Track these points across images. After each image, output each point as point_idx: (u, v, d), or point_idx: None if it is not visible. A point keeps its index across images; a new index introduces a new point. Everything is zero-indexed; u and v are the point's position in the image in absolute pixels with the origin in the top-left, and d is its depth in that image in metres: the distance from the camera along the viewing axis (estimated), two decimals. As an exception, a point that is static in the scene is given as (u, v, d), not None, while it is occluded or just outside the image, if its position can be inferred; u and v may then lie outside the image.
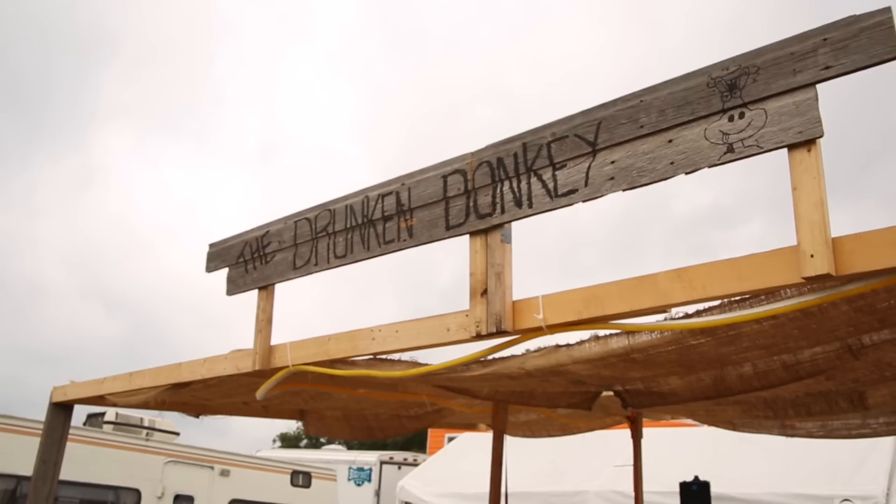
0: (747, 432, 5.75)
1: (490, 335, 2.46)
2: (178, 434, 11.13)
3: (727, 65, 2.16)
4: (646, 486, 7.07)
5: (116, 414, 10.48)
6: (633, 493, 10.36)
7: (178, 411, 5.11)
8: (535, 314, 2.35)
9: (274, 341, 3.41)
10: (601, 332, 2.38)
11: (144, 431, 10.63)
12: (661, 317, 2.25)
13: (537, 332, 2.39)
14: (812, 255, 1.88)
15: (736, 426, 5.48)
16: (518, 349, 2.60)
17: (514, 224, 2.58)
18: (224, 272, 3.68)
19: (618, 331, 2.31)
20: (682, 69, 2.27)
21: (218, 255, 3.74)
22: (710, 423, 5.61)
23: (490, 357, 2.67)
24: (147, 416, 10.85)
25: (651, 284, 2.16)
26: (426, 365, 2.86)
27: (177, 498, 9.95)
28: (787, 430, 5.25)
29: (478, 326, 2.48)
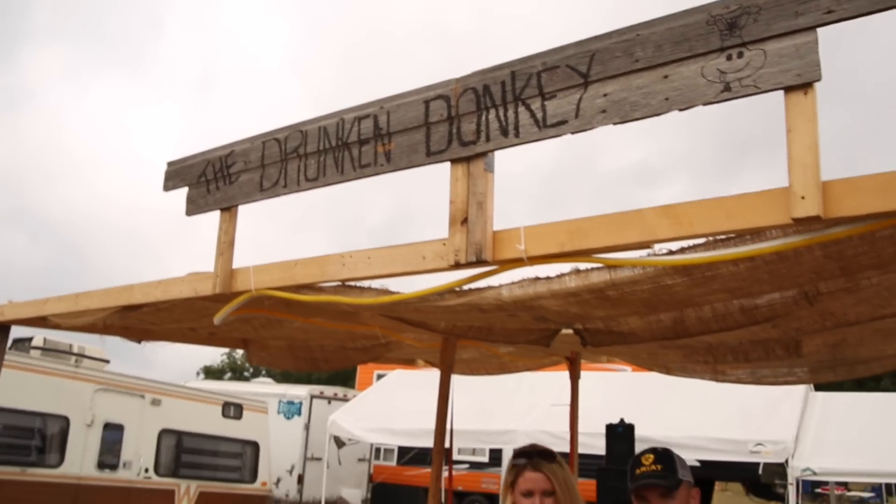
0: (680, 376, 5.94)
1: (469, 264, 2.44)
2: (107, 362, 10.90)
3: (728, 3, 2.14)
4: (581, 428, 7.26)
5: (44, 339, 10.18)
6: (559, 433, 10.72)
7: (120, 336, 4.97)
8: (516, 245, 2.34)
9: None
10: (582, 266, 2.39)
11: (73, 358, 10.37)
12: (643, 252, 2.26)
13: (518, 263, 2.38)
14: (803, 197, 1.91)
15: (670, 370, 5.63)
16: (493, 280, 2.60)
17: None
18: (183, 192, 3.55)
19: (600, 265, 2.32)
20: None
21: (177, 174, 3.60)
22: (647, 368, 5.76)
23: (466, 287, 2.66)
24: (76, 342, 10.58)
25: (638, 220, 2.17)
26: (397, 293, 2.83)
27: (106, 426, 9.79)
28: (718, 376, 5.40)
29: (456, 255, 2.45)
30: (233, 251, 3.28)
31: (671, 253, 2.21)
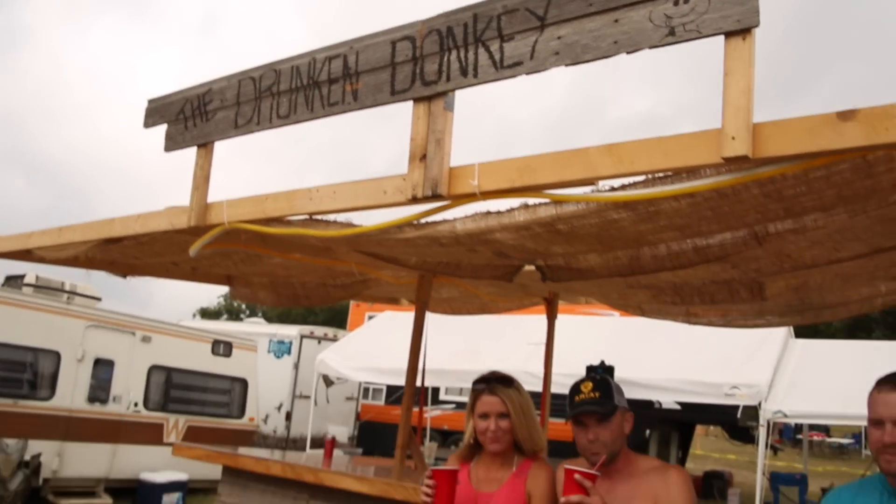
0: (654, 318, 6.12)
1: (426, 199, 2.56)
2: (99, 299, 11.08)
3: (677, -51, 2.22)
4: (555, 368, 7.49)
5: (36, 277, 10.34)
6: (540, 373, 11.02)
7: (105, 270, 5.11)
8: (470, 180, 2.46)
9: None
10: (531, 201, 2.52)
11: (65, 295, 10.53)
12: (588, 189, 2.39)
13: (471, 197, 2.51)
14: (733, 138, 2.03)
15: (644, 311, 5.79)
16: (449, 214, 2.73)
17: (458, 105, 2.66)
18: (163, 129, 3.65)
19: (547, 200, 2.45)
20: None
21: (157, 111, 3.70)
22: (621, 308, 5.93)
23: (423, 221, 2.79)
24: (68, 280, 10.73)
25: (583, 157, 2.29)
26: (360, 226, 2.96)
27: (97, 362, 10.01)
28: (691, 318, 5.56)
29: (414, 190, 2.58)
30: (208, 186, 3.40)
31: (613, 189, 2.33)
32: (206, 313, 53.96)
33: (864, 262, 3.87)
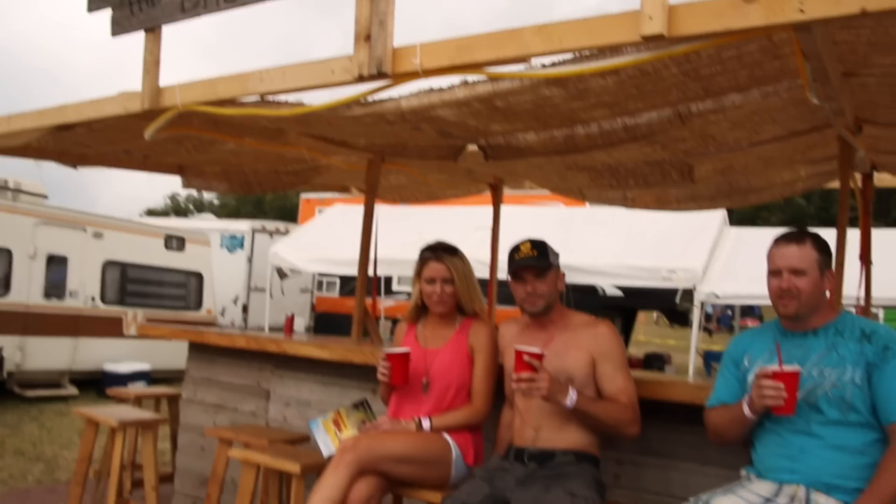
0: (595, 202, 6.40)
1: (371, 77, 2.73)
2: (45, 196, 10.98)
3: None
4: (501, 256, 7.72)
5: (-23, 175, 10.19)
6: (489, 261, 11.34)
7: (56, 161, 5.14)
8: (412, 59, 2.63)
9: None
10: (470, 78, 2.71)
11: (10, 193, 10.42)
12: (522, 66, 2.58)
13: (413, 76, 2.68)
14: (651, 18, 2.23)
15: (585, 196, 6.06)
16: (394, 93, 2.91)
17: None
18: (107, 14, 3.68)
19: (484, 77, 2.64)
20: None
21: (100, -6, 3.72)
22: (563, 193, 6.19)
23: (370, 99, 2.97)
24: (11, 177, 10.60)
25: (516, 36, 2.47)
26: (310, 105, 3.12)
27: (50, 259, 10.04)
28: (629, 203, 5.85)
29: (360, 69, 2.74)
30: (158, 70, 3.48)
31: (544, 67, 2.53)
32: (152, 213, 53.28)
33: (782, 145, 4.16)
